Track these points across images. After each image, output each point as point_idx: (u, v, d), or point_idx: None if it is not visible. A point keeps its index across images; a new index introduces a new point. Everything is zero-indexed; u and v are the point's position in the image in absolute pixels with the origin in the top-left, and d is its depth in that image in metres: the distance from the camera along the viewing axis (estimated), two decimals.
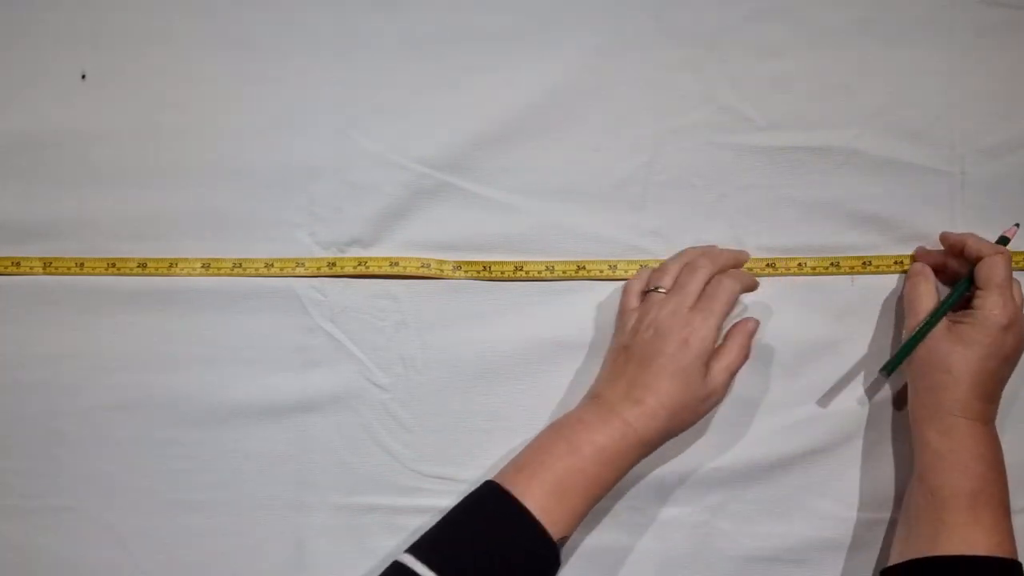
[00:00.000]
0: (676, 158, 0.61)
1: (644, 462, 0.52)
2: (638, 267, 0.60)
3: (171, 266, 0.60)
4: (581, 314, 0.60)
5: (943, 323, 0.55)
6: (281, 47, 0.62)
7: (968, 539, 0.51)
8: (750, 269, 0.60)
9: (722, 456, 0.59)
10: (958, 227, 0.60)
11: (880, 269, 0.60)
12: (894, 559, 0.54)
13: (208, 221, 0.61)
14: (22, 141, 0.62)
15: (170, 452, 0.60)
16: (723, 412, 0.59)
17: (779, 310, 0.60)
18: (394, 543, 0.59)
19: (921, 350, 0.55)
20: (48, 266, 0.61)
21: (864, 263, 0.60)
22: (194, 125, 0.62)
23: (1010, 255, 0.55)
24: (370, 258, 0.60)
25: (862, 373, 0.60)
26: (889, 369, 0.57)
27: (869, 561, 0.58)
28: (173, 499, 0.59)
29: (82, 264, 0.61)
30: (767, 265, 0.60)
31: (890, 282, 0.60)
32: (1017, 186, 0.61)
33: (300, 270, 0.60)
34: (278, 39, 0.62)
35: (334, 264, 0.60)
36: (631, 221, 0.61)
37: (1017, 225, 0.58)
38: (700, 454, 0.59)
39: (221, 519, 0.59)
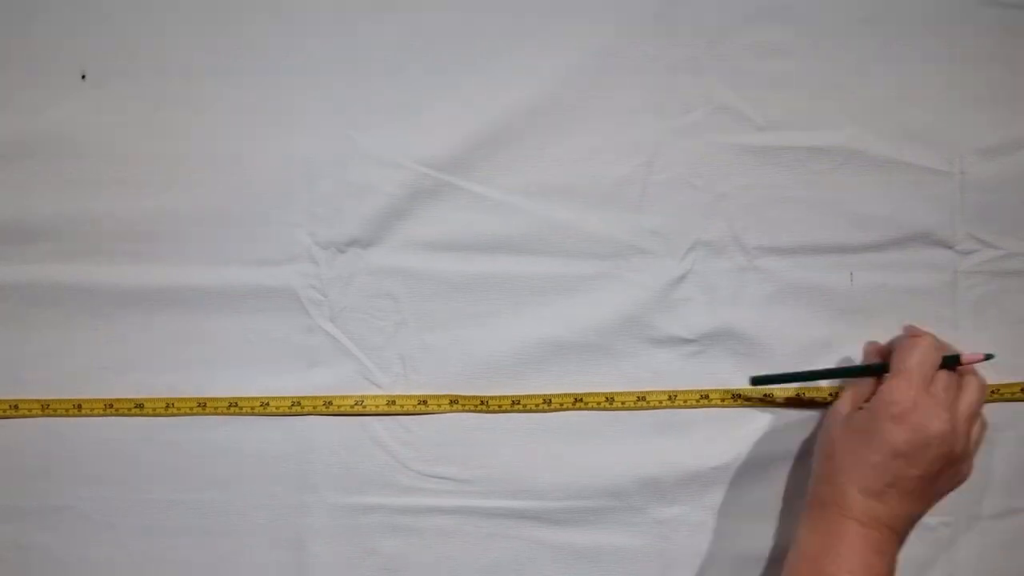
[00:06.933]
0: (676, 158, 0.61)
1: (644, 462, 0.51)
2: (635, 398, 0.59)
3: (167, 406, 0.60)
4: (581, 315, 0.60)
5: (844, 411, 0.52)
6: (281, 47, 0.62)
7: None
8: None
9: (722, 456, 0.59)
10: (958, 227, 0.60)
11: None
12: None
13: (208, 221, 0.61)
14: (22, 141, 0.61)
15: (170, 452, 0.60)
16: (723, 412, 0.59)
17: (779, 310, 0.60)
18: (394, 543, 0.59)
19: (820, 437, 0.54)
20: (46, 408, 0.60)
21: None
22: (194, 125, 0.61)
23: (931, 342, 0.52)
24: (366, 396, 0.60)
25: None
26: (757, 380, 0.58)
27: None
28: (173, 499, 0.60)
29: (79, 406, 0.60)
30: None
31: (890, 282, 0.60)
32: (1017, 186, 0.61)
33: (297, 408, 0.60)
34: (278, 39, 0.62)
35: (330, 403, 0.60)
36: (630, 221, 0.61)
37: None
38: (700, 454, 0.59)
39: (221, 519, 0.59)
